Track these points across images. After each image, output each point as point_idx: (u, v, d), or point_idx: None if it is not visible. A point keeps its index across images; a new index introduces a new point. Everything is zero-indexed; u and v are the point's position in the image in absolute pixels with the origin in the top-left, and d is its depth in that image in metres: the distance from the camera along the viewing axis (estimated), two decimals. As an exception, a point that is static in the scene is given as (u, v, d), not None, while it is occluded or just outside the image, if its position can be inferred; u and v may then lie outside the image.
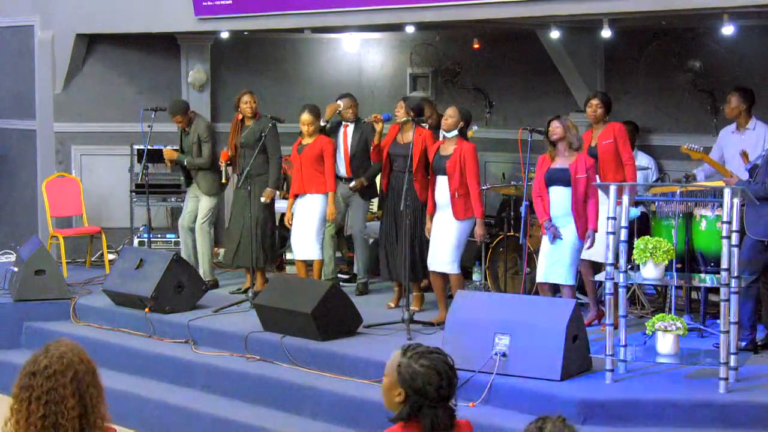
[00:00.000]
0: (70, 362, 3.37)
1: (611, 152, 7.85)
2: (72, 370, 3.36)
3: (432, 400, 3.40)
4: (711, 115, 9.27)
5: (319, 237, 8.69)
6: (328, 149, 8.64)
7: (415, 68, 11.37)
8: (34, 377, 3.36)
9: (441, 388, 3.41)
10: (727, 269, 6.25)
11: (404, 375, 3.41)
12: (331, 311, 7.66)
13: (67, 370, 3.36)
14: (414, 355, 3.45)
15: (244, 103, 9.08)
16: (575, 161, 7.37)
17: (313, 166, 8.61)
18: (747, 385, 6.41)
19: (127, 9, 10.29)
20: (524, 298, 7.45)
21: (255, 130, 8.99)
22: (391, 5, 8.55)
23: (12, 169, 11.48)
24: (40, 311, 9.06)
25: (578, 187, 7.33)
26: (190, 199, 9.60)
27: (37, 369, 3.37)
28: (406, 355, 3.46)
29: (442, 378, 3.42)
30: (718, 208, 7.41)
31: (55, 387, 3.34)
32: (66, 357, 3.38)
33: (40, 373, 3.36)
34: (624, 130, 8.00)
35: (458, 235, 7.90)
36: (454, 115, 7.92)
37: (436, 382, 3.41)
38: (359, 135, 9.08)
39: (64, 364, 3.36)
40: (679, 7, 7.36)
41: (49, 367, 3.36)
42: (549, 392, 6.35)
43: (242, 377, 7.52)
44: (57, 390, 3.34)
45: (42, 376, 3.35)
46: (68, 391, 3.34)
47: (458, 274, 7.96)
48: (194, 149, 9.40)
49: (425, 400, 3.40)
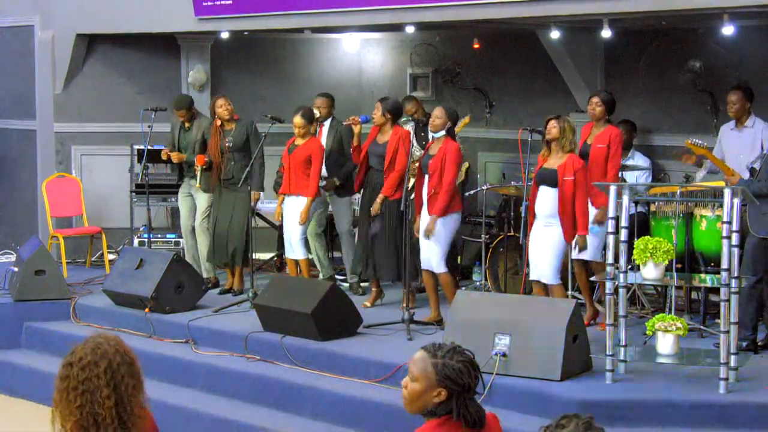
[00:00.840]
0: (104, 353, 3.45)
1: (602, 156, 7.84)
2: (106, 361, 3.44)
3: (471, 393, 3.48)
4: (711, 115, 9.26)
5: (303, 237, 8.78)
6: (316, 153, 8.68)
7: (415, 68, 11.37)
8: (71, 368, 3.45)
9: (477, 380, 3.50)
10: (727, 269, 6.25)
11: (445, 374, 3.45)
12: (331, 311, 7.66)
13: (101, 360, 3.44)
14: (446, 354, 3.50)
15: (219, 107, 9.13)
16: (564, 163, 7.36)
17: (301, 168, 8.67)
18: (747, 386, 6.41)
19: (127, 9, 10.30)
20: (524, 298, 7.45)
21: (242, 132, 9.02)
22: (391, 5, 8.55)
23: (12, 169, 11.48)
24: (41, 311, 9.05)
25: (565, 188, 7.32)
26: (184, 199, 9.58)
27: (74, 360, 3.46)
28: (438, 355, 3.50)
29: (477, 370, 3.51)
30: (719, 208, 7.41)
31: (89, 377, 3.42)
32: (101, 348, 3.46)
33: (76, 364, 3.45)
34: (619, 137, 7.94)
35: (442, 233, 7.88)
36: (441, 116, 7.92)
37: (474, 375, 3.49)
38: (334, 134, 9.17)
39: (98, 354, 3.44)
40: (679, 7, 7.36)
41: (84, 357, 3.44)
42: (549, 392, 6.35)
43: (242, 377, 7.52)
44: (91, 380, 3.42)
45: (77, 366, 3.44)
46: (102, 381, 3.42)
47: (445, 272, 7.94)
48: (197, 146, 9.36)
49: (468, 394, 3.47)
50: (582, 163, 7.48)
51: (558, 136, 7.41)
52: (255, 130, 9.13)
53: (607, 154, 7.84)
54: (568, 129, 7.45)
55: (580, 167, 7.38)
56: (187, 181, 9.59)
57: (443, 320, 7.78)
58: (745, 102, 8.15)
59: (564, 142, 7.41)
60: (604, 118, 8.02)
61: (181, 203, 9.67)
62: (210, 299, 8.86)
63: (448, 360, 3.48)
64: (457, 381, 3.45)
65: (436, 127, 7.93)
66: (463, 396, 3.46)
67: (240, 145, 9.03)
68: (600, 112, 8.00)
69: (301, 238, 8.78)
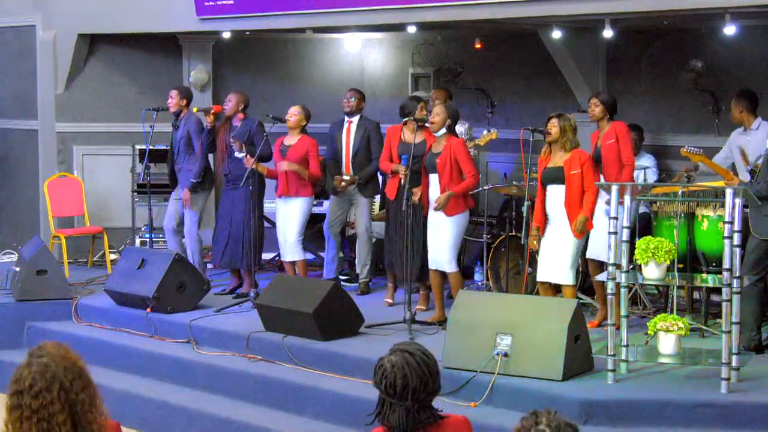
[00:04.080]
0: (53, 375, 3.28)
1: (614, 152, 7.84)
2: (57, 384, 3.27)
3: (404, 400, 3.53)
4: (713, 115, 9.26)
5: (300, 239, 8.76)
6: (312, 151, 8.63)
7: (416, 68, 11.37)
8: (21, 396, 3.28)
9: (406, 388, 3.53)
10: (728, 269, 6.24)
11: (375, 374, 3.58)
12: (333, 311, 7.66)
13: (52, 385, 3.27)
14: (391, 353, 3.59)
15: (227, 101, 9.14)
16: (569, 158, 7.37)
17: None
18: (749, 386, 6.40)
19: (128, 9, 10.30)
20: (526, 298, 7.44)
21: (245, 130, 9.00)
22: (392, 5, 8.55)
23: (14, 169, 11.48)
24: (42, 311, 9.05)
25: (573, 183, 7.32)
26: (174, 202, 9.52)
27: (23, 387, 3.28)
28: (388, 352, 3.57)
29: (412, 378, 3.53)
30: (720, 208, 7.40)
31: (43, 404, 3.26)
32: (50, 369, 3.28)
33: (27, 392, 3.27)
34: (626, 129, 7.98)
35: (451, 232, 7.88)
36: (441, 114, 7.90)
37: (400, 383, 3.53)
38: (362, 132, 9.06)
39: (48, 379, 3.27)
40: (680, 7, 7.36)
41: (34, 385, 3.27)
42: (551, 392, 6.35)
43: (244, 377, 7.52)
44: (46, 407, 3.26)
45: (28, 395, 3.27)
46: (57, 407, 3.26)
47: (456, 272, 7.94)
48: (182, 144, 9.32)
49: (393, 399, 3.53)
50: (588, 155, 7.49)
51: (558, 137, 7.40)
52: (260, 130, 9.07)
53: (619, 149, 7.83)
54: (568, 128, 7.43)
55: (587, 159, 7.38)
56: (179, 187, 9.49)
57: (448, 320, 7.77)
58: (740, 108, 8.15)
59: (564, 141, 7.40)
60: (605, 118, 8.02)
61: (170, 203, 9.60)
62: (211, 299, 8.86)
63: (387, 358, 3.52)
64: (380, 385, 3.50)
65: (436, 124, 7.91)
66: (389, 401, 3.47)
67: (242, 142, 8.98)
68: (599, 113, 8.00)
69: (298, 240, 8.76)
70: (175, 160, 9.42)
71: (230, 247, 9.05)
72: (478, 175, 7.98)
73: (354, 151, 8.99)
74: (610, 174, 7.77)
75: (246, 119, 9.12)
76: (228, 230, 9.07)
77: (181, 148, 9.30)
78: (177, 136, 9.36)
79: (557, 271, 7.41)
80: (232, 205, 9.05)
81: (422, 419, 3.47)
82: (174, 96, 9.36)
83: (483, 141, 8.91)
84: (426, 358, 3.53)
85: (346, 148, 9.07)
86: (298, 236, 8.77)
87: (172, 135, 9.53)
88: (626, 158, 7.86)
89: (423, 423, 3.47)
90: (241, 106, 9.10)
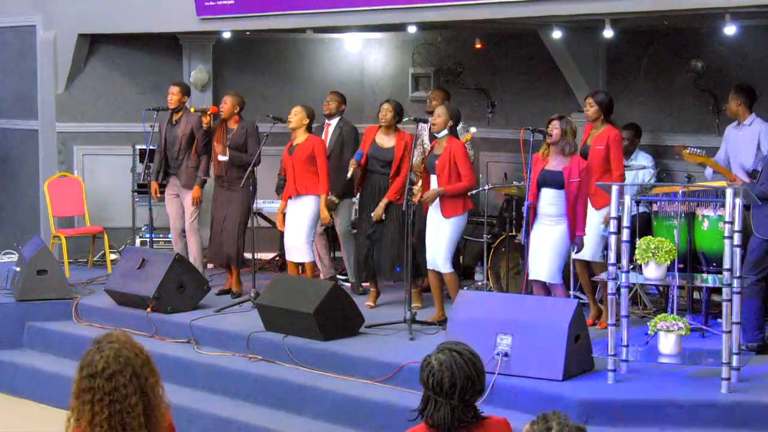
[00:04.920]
0: (127, 359, 3.38)
1: (600, 158, 7.83)
2: (130, 368, 3.37)
3: (451, 398, 3.54)
4: (713, 115, 9.26)
5: (310, 239, 8.66)
6: (319, 149, 8.62)
7: (417, 68, 11.37)
8: (94, 379, 3.35)
9: (454, 386, 3.54)
10: (729, 269, 6.24)
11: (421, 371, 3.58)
12: (333, 311, 7.66)
13: (125, 368, 3.36)
14: (440, 350, 3.62)
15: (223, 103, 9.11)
16: (569, 164, 7.35)
17: (305, 166, 8.58)
18: (749, 386, 6.41)
19: (129, 9, 10.30)
20: (526, 298, 7.43)
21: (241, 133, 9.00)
22: (393, 5, 8.55)
23: (14, 169, 11.48)
24: (42, 311, 9.05)
25: (572, 190, 7.33)
26: (171, 200, 9.47)
27: (96, 371, 3.35)
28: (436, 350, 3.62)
29: (460, 377, 3.55)
30: (721, 208, 7.40)
31: (116, 387, 3.34)
32: (122, 355, 3.38)
33: (100, 375, 3.35)
34: (618, 138, 7.92)
35: (448, 233, 7.88)
36: (443, 115, 7.91)
37: (451, 381, 3.55)
38: (338, 134, 9.19)
39: (122, 363, 3.36)
40: (681, 7, 7.35)
41: (108, 368, 3.35)
42: (551, 392, 6.35)
43: (244, 377, 7.52)
44: (119, 390, 3.34)
45: (102, 377, 3.34)
46: (130, 389, 3.35)
47: (450, 272, 7.94)
48: (183, 141, 9.29)
49: (440, 398, 3.54)
50: (586, 163, 7.48)
51: (558, 139, 7.39)
52: (255, 131, 9.07)
53: (606, 156, 7.82)
54: (569, 132, 7.41)
55: (584, 168, 7.38)
56: (173, 181, 9.43)
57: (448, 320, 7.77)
58: (738, 101, 8.14)
59: (564, 144, 7.39)
60: (600, 118, 8.00)
61: (168, 205, 9.53)
62: (211, 299, 8.86)
63: (434, 356, 3.53)
64: (426, 383, 3.50)
65: (438, 126, 7.92)
66: (435, 399, 3.48)
67: (237, 145, 9.00)
68: (594, 113, 7.98)
69: (309, 241, 8.65)
70: (172, 156, 9.37)
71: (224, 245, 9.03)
72: (475, 179, 7.96)
73: (329, 152, 8.98)
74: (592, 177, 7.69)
75: (241, 122, 9.09)
76: (221, 230, 9.04)
77: (182, 146, 9.28)
78: (176, 132, 9.33)
79: (548, 270, 7.40)
80: (228, 205, 9.03)
81: (466, 418, 3.49)
82: (175, 92, 9.35)
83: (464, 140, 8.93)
84: (473, 358, 3.56)
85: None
86: (308, 237, 8.65)
87: (165, 131, 9.42)
88: (615, 167, 7.82)
89: (466, 422, 3.49)
90: (237, 109, 9.06)
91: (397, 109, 8.51)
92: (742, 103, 8.13)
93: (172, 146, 9.36)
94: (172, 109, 9.37)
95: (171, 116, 9.40)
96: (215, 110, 9.20)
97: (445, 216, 7.87)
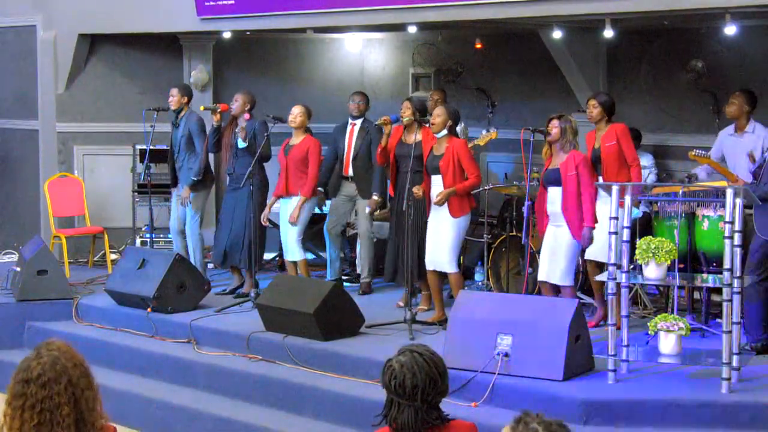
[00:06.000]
0: (63, 368, 3.30)
1: (614, 154, 7.85)
2: (66, 377, 3.29)
3: (413, 401, 3.53)
4: (713, 115, 9.26)
5: (300, 238, 8.77)
6: (313, 151, 8.64)
7: (417, 68, 11.38)
8: (28, 385, 3.28)
9: (416, 388, 3.53)
10: (729, 269, 6.24)
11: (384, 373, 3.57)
12: (333, 311, 7.66)
13: (61, 377, 3.28)
14: (401, 353, 3.59)
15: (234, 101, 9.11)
16: (566, 160, 7.37)
17: (299, 167, 8.63)
18: (750, 386, 6.40)
19: (129, 9, 10.30)
20: (526, 298, 7.44)
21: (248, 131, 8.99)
22: (393, 5, 8.55)
23: (14, 169, 11.48)
24: (43, 311, 9.05)
25: (568, 185, 7.32)
26: (178, 200, 9.51)
27: (30, 377, 3.29)
28: (397, 353, 3.58)
29: (421, 378, 3.54)
30: (721, 208, 7.40)
31: (49, 395, 3.26)
32: (59, 363, 3.30)
33: (34, 382, 3.28)
34: (626, 130, 7.98)
35: (454, 233, 7.88)
36: (442, 115, 7.90)
37: (410, 382, 3.53)
38: (364, 134, 9.08)
39: (57, 371, 3.29)
40: (681, 7, 7.36)
41: (43, 375, 3.28)
42: (551, 392, 6.35)
43: (244, 377, 7.52)
44: (52, 398, 3.26)
45: (36, 384, 3.27)
46: (63, 398, 3.27)
47: (457, 272, 7.95)
48: (183, 142, 9.31)
49: (403, 400, 3.53)
50: (583, 156, 7.48)
51: (558, 138, 7.40)
52: (262, 130, 9.05)
53: (619, 150, 7.83)
54: (569, 130, 7.43)
55: (581, 160, 7.37)
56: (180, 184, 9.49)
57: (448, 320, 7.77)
58: (745, 105, 8.16)
59: (564, 142, 7.40)
60: (603, 119, 8.02)
61: (173, 204, 9.61)
62: (212, 299, 8.86)
63: (395, 358, 3.53)
64: (389, 385, 3.51)
65: (437, 126, 7.91)
66: (398, 402, 3.48)
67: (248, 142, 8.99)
68: (597, 114, 8.00)
69: (298, 239, 8.77)
70: (175, 158, 9.43)
71: (232, 246, 9.05)
72: (481, 175, 7.98)
73: (355, 152, 9.02)
74: (611, 176, 7.76)
75: (251, 119, 9.11)
76: (229, 229, 9.06)
77: (182, 147, 9.30)
78: (177, 134, 9.36)
79: (556, 272, 7.41)
80: (235, 204, 9.03)
81: (430, 420, 3.48)
82: (175, 94, 9.37)
83: (483, 141, 8.92)
84: (434, 358, 3.55)
85: (347, 149, 9.10)
86: (299, 236, 8.78)
87: (171, 134, 9.53)
88: (631, 158, 7.86)
89: (431, 424, 3.48)
90: (248, 107, 9.10)
91: (416, 106, 8.41)
92: (748, 107, 8.14)
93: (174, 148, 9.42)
94: (174, 111, 9.40)
95: (175, 118, 9.45)
96: (225, 108, 9.20)
97: (453, 216, 7.85)
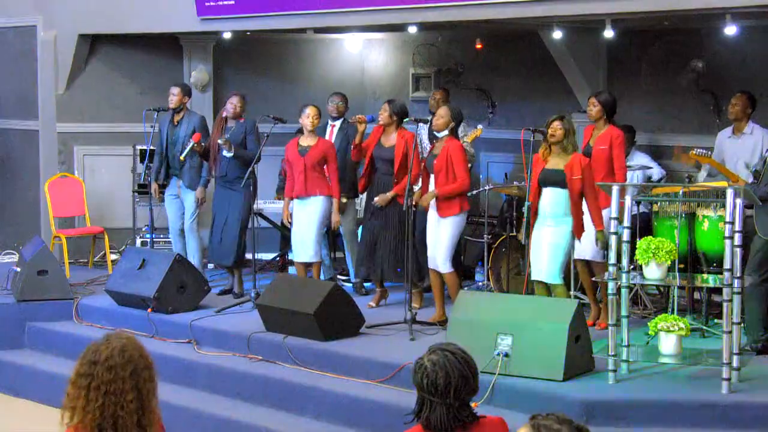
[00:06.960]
0: (130, 356, 3.41)
1: (603, 158, 7.84)
2: (132, 365, 3.40)
3: (446, 399, 3.54)
4: (714, 115, 9.27)
5: (319, 239, 8.68)
6: (331, 153, 8.64)
7: (417, 68, 11.38)
8: (95, 366, 3.38)
9: (449, 386, 3.54)
10: (729, 269, 6.24)
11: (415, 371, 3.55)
12: (333, 311, 7.66)
13: (128, 364, 3.39)
14: (431, 352, 3.60)
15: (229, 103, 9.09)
16: (570, 162, 7.35)
17: (317, 168, 8.59)
18: (750, 386, 6.41)
19: (129, 9, 10.31)
20: (527, 298, 7.44)
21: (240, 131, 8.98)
22: (393, 5, 8.55)
23: (15, 169, 11.49)
24: (43, 311, 9.05)
25: (575, 188, 7.32)
26: (172, 201, 9.49)
27: (98, 359, 3.39)
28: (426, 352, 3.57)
29: (455, 376, 3.55)
30: (721, 209, 7.40)
31: (114, 379, 3.36)
32: (127, 351, 3.41)
33: (101, 364, 3.38)
34: (621, 138, 7.94)
35: (446, 233, 7.88)
36: (445, 115, 7.94)
37: (445, 381, 3.54)
38: (343, 135, 9.15)
39: (125, 357, 3.40)
40: (681, 8, 7.36)
41: (110, 358, 3.38)
42: (551, 392, 6.35)
43: (245, 377, 7.52)
44: (116, 382, 3.36)
45: (103, 366, 3.37)
46: (127, 385, 3.37)
47: (450, 272, 7.94)
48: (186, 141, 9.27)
49: (435, 398, 3.54)
50: (587, 160, 7.49)
51: (561, 140, 7.39)
52: (255, 131, 9.06)
53: (609, 156, 7.84)
54: (571, 131, 7.44)
55: (586, 165, 7.38)
56: (175, 181, 9.47)
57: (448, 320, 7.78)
58: (747, 107, 8.20)
59: (566, 143, 7.40)
60: (602, 118, 8.01)
61: (168, 205, 9.57)
62: (212, 299, 8.86)
63: (426, 357, 3.53)
64: (421, 384, 3.50)
65: (439, 126, 7.94)
66: (430, 400, 3.48)
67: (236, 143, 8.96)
68: (597, 113, 7.99)
69: (318, 241, 8.65)
70: (173, 157, 9.37)
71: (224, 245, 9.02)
72: (468, 181, 7.90)
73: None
74: (596, 177, 7.72)
75: (241, 120, 9.08)
76: (222, 229, 9.03)
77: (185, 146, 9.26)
78: (179, 134, 9.35)
79: (547, 271, 7.40)
80: (228, 205, 9.01)
81: (462, 417, 3.49)
82: (176, 93, 9.37)
83: (469, 138, 8.96)
84: (465, 356, 3.56)
85: None
86: (318, 237, 8.65)
87: (167, 131, 9.42)
88: (618, 166, 7.85)
89: (463, 421, 3.49)
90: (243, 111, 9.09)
91: (394, 109, 8.49)
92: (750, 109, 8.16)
93: (173, 147, 9.37)
94: (173, 110, 9.38)
95: (172, 117, 9.42)
96: (198, 137, 9.12)
97: (441, 215, 7.88)
